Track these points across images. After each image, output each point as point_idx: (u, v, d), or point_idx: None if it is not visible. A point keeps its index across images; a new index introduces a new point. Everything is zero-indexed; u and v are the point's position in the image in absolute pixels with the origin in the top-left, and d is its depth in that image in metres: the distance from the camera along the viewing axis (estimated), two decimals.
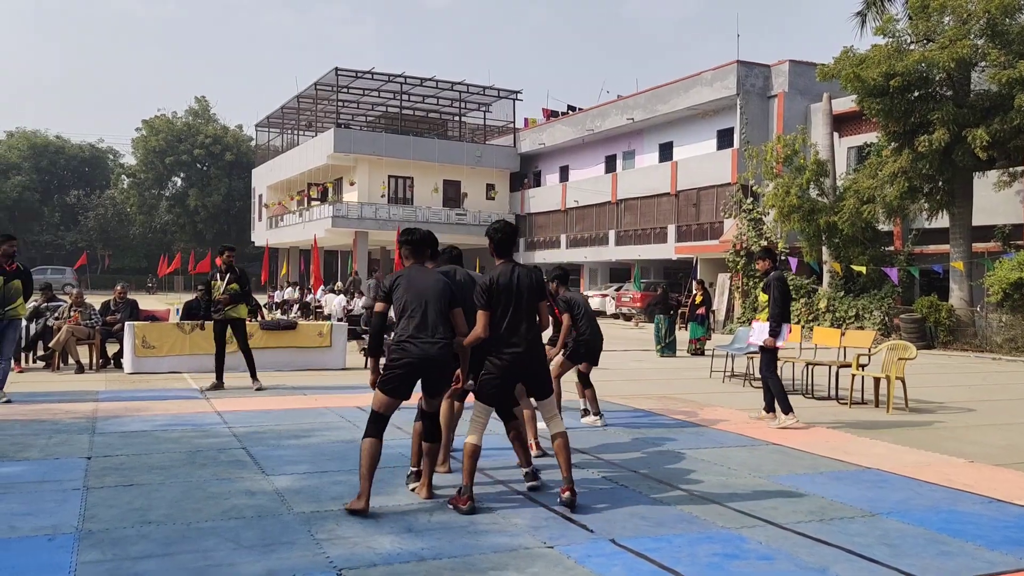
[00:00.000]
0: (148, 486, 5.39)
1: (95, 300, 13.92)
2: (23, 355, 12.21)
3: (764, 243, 24.12)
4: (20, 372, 11.51)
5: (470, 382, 5.55)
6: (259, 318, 13.95)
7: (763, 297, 8.41)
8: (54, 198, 65.62)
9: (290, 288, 32.51)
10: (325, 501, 5.09)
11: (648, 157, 36.79)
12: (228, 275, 10.37)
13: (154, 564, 3.95)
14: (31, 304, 11.98)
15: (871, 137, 23.75)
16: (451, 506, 4.96)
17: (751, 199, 25.84)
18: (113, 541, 4.27)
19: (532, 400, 5.92)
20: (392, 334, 5.29)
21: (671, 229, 33.65)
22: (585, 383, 8.15)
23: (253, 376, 10.49)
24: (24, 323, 10.13)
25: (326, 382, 11.20)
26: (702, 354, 16.70)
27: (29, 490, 5.24)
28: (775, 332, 8.08)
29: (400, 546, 4.27)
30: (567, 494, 5.03)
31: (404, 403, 5.20)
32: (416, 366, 5.02)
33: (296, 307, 27.61)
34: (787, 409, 8.05)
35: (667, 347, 16.32)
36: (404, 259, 5.42)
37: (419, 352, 5.00)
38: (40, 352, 12.69)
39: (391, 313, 5.22)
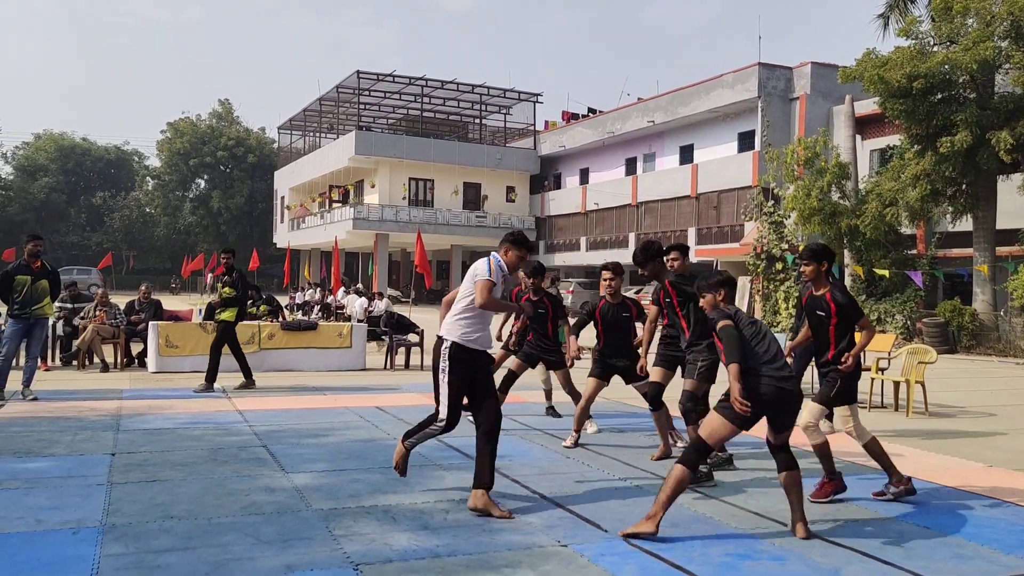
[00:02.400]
0: (170, 482, 5.50)
1: (120, 300, 14.13)
2: (49, 353, 12.42)
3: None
4: (47, 370, 11.72)
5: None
6: (280, 319, 14.09)
7: None
8: (80, 199, 66.59)
9: (311, 289, 32.76)
10: (343, 498, 5.17)
11: (669, 160, 36.72)
12: (225, 278, 10.50)
13: (175, 558, 4.04)
14: (58, 304, 12.17)
15: (893, 139, 23.57)
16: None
17: (772, 202, 25.71)
18: (136, 535, 4.37)
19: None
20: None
21: (691, 232, 33.55)
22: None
23: (208, 379, 10.08)
24: (51, 322, 10.32)
25: (345, 382, 11.31)
26: None
27: (55, 485, 5.36)
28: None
29: (416, 543, 4.34)
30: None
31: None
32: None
33: (317, 308, 27.81)
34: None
35: None
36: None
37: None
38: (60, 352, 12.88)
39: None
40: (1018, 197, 20.04)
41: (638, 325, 6.96)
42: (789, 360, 5.52)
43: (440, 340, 5.09)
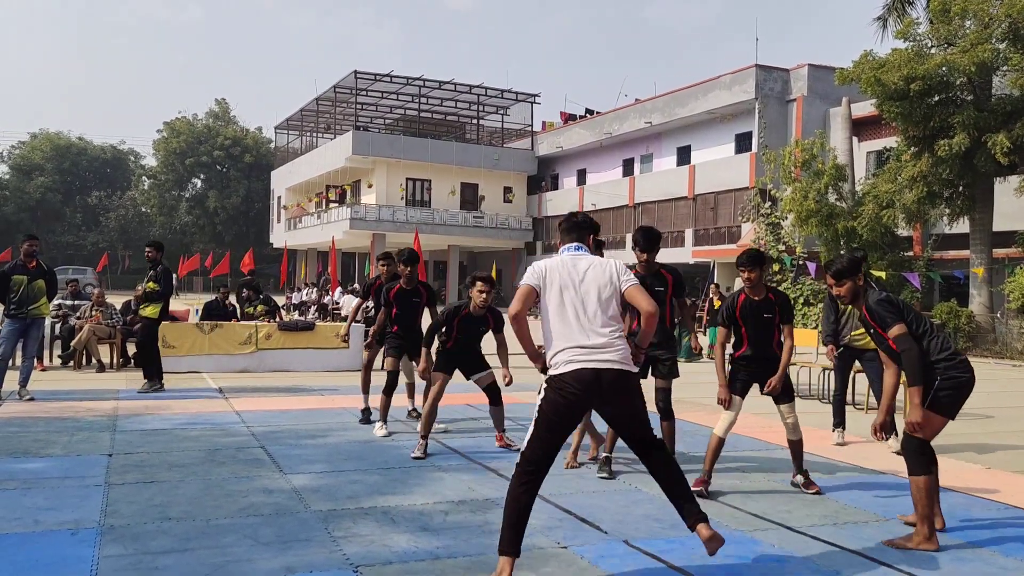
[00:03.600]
0: (168, 483, 5.48)
1: (116, 300, 14.10)
2: (46, 353, 12.38)
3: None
4: (43, 370, 11.67)
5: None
6: (278, 319, 14.07)
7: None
8: (76, 199, 66.41)
9: (307, 289, 32.74)
10: (342, 500, 5.16)
11: (666, 161, 36.75)
12: (150, 272, 10.09)
13: (174, 559, 4.02)
14: (55, 304, 12.14)
15: (890, 141, 23.61)
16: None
17: (769, 203, 25.74)
18: (134, 536, 4.35)
19: None
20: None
21: (688, 233, 33.58)
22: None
23: (150, 377, 9.96)
24: (48, 322, 10.29)
25: (343, 383, 11.28)
26: None
27: (52, 486, 5.34)
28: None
29: (415, 544, 4.32)
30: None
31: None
32: None
33: (314, 308, 27.79)
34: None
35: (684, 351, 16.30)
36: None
37: None
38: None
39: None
40: (1015, 199, 20.08)
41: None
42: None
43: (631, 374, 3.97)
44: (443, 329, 6.73)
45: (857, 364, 8.17)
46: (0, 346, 9.03)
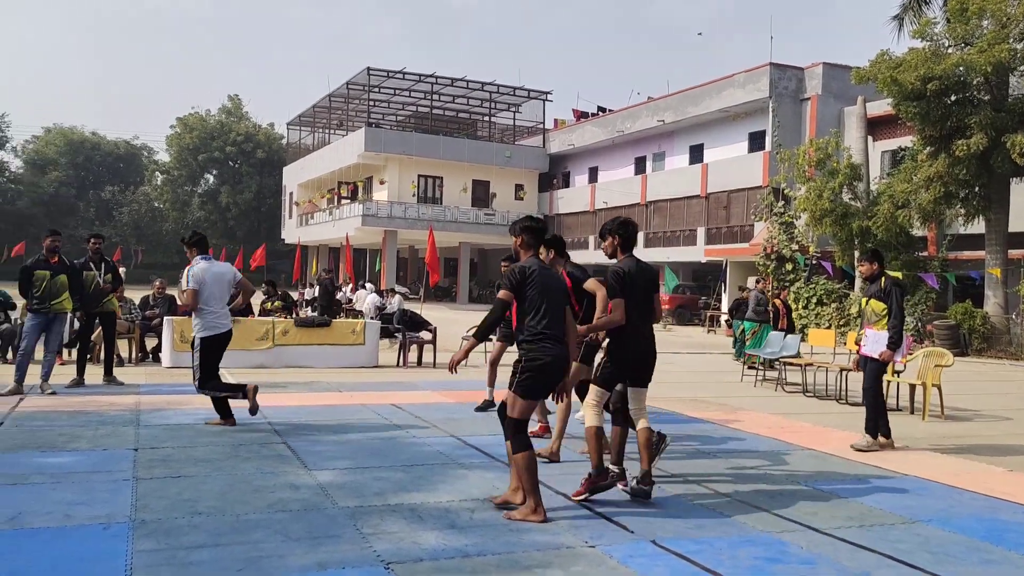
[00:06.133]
0: (195, 478, 5.52)
1: (133, 295, 14.17)
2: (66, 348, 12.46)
3: (870, 246, 23.93)
4: (62, 364, 11.75)
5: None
6: (294, 315, 14.13)
7: (877, 305, 7.33)
8: (89, 194, 66.80)
9: (319, 285, 32.78)
10: (368, 496, 5.19)
11: (678, 159, 36.67)
12: (103, 265, 10.15)
13: (207, 554, 4.06)
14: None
15: (906, 141, 23.50)
16: (589, 490, 5.18)
17: (782, 202, 25.67)
18: (166, 531, 4.38)
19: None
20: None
21: (700, 231, 33.51)
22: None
23: (107, 371, 10.17)
24: (69, 317, 10.35)
25: (360, 379, 11.33)
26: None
27: (81, 480, 5.38)
28: (895, 344, 7.19)
29: (444, 542, 4.35)
30: (647, 486, 5.26)
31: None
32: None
33: (314, 305, 27.73)
34: (875, 432, 7.30)
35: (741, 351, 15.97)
36: (524, 250, 5.15)
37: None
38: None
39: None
40: None
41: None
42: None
43: None
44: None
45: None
46: (23, 340, 9.12)
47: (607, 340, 5.67)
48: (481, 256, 48.42)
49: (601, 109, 43.55)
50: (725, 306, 29.16)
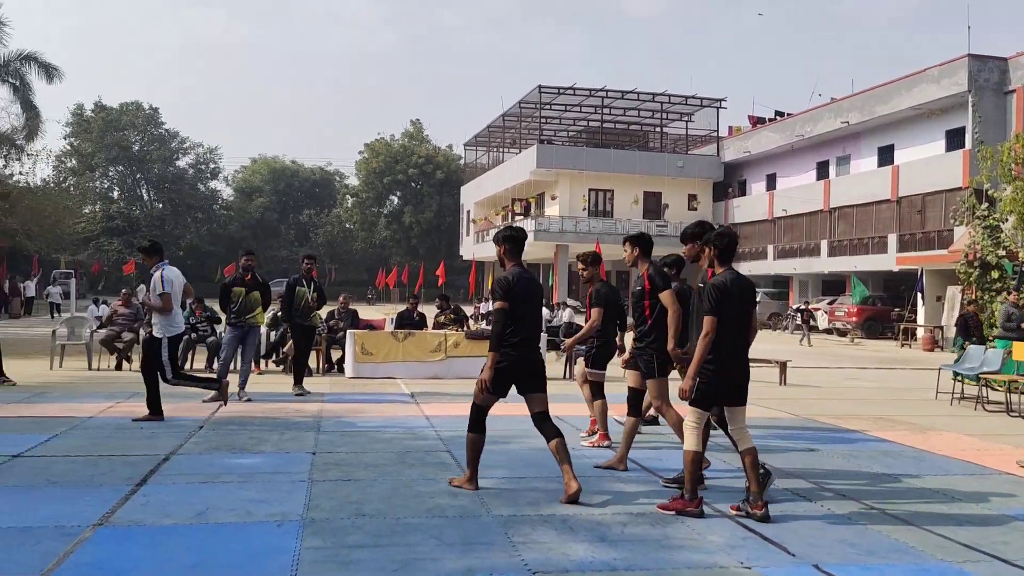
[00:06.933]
0: (363, 481, 5.83)
1: (322, 310, 15.18)
2: (263, 359, 13.58)
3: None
4: (259, 374, 12.80)
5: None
6: (465, 328, 14.60)
7: None
8: (289, 217, 72.92)
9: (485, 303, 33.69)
10: (522, 505, 5.26)
11: (865, 162, 34.49)
12: (311, 284, 10.85)
13: (367, 554, 4.28)
14: (270, 313, 13.30)
15: None
16: (674, 511, 5.08)
17: (986, 204, 23.43)
18: (332, 530, 4.67)
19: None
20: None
21: (891, 238, 31.28)
22: (596, 393, 7.47)
23: (297, 381, 10.65)
24: (264, 330, 11.28)
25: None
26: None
27: (264, 480, 5.84)
28: None
29: (593, 555, 4.33)
30: (761, 510, 4.98)
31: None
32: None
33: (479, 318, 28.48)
34: None
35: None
36: (508, 259, 5.81)
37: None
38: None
39: None
40: None
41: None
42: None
43: None
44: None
45: None
46: (223, 351, 10.04)
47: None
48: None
49: (779, 114, 41.79)
50: (921, 318, 27.01)
